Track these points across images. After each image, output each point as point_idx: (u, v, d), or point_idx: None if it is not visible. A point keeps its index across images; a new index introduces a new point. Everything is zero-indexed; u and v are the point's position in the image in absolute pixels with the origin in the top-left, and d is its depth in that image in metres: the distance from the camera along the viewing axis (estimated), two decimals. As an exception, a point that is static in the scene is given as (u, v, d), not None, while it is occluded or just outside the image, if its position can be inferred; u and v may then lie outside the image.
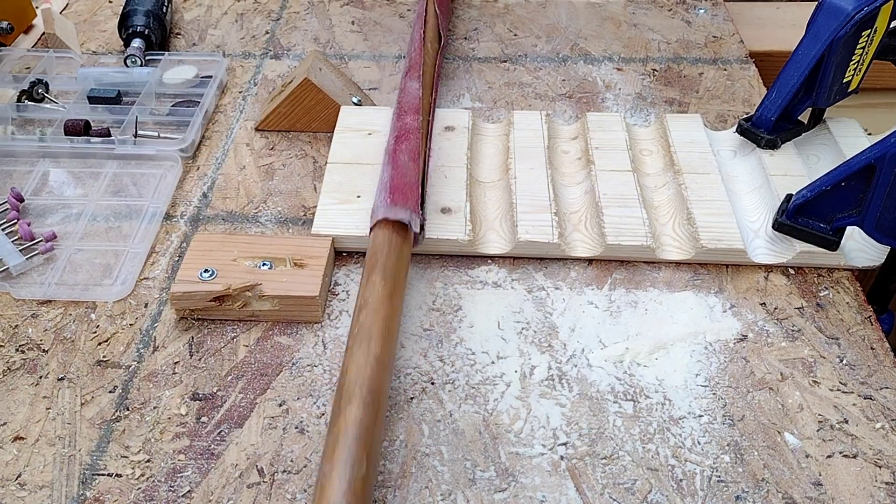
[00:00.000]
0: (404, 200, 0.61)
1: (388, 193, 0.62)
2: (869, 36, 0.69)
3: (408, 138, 0.67)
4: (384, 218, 0.60)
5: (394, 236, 0.59)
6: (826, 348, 0.59)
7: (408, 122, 0.69)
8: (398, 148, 0.66)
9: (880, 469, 0.51)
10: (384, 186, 0.63)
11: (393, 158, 0.65)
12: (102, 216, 0.70)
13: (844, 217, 0.61)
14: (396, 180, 0.63)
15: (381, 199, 0.62)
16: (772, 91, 0.72)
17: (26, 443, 0.53)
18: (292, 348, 0.59)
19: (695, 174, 0.70)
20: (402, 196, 0.61)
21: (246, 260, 0.62)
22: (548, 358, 0.58)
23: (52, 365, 0.58)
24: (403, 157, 0.65)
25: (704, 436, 0.53)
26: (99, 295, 0.63)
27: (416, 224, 0.61)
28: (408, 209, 0.61)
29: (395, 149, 0.66)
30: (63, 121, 0.78)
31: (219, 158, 0.77)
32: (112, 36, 0.95)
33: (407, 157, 0.65)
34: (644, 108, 0.83)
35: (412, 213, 0.61)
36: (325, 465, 0.45)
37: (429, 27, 0.84)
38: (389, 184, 0.63)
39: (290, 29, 0.97)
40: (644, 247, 0.64)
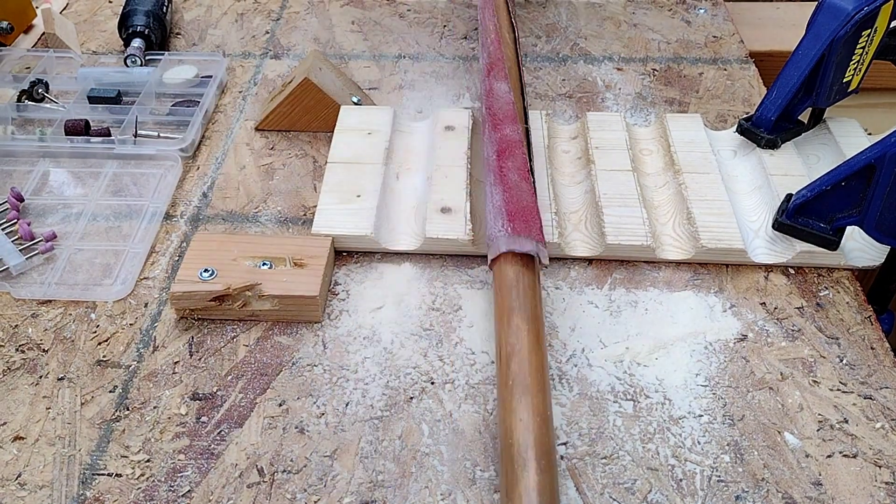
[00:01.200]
0: (527, 229, 0.56)
1: (507, 221, 0.56)
2: (869, 36, 0.69)
3: (513, 153, 0.61)
4: (508, 251, 0.55)
5: (523, 271, 0.55)
6: (826, 348, 0.59)
7: (507, 134, 0.62)
8: (504, 165, 0.60)
9: (880, 469, 0.51)
10: (498, 211, 0.57)
11: (501, 178, 0.59)
12: (102, 216, 0.70)
13: (844, 217, 0.61)
14: (512, 205, 0.57)
15: (499, 226, 0.56)
16: (772, 91, 0.72)
17: (26, 443, 0.53)
18: (292, 348, 0.59)
19: (695, 174, 0.70)
20: (523, 223, 0.56)
21: (246, 260, 0.62)
22: (548, 357, 0.58)
23: (52, 365, 0.58)
24: (513, 176, 0.59)
25: (704, 435, 0.53)
26: (99, 295, 0.63)
27: (545, 255, 0.56)
28: (533, 239, 0.55)
29: (501, 166, 0.60)
30: (63, 121, 0.78)
31: (219, 158, 0.77)
32: (112, 36, 0.95)
33: (517, 176, 0.59)
34: (644, 107, 0.83)
35: (538, 243, 0.55)
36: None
37: (501, 15, 0.76)
38: (505, 209, 0.57)
39: (290, 29, 0.97)
40: (644, 246, 0.64)
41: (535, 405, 0.47)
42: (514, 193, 0.58)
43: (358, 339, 0.60)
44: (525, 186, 0.59)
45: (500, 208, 0.57)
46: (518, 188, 0.58)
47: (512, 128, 0.63)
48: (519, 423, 0.47)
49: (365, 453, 0.52)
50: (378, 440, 0.53)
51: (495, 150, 0.62)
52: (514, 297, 0.53)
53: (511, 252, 0.55)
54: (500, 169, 0.60)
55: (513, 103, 0.65)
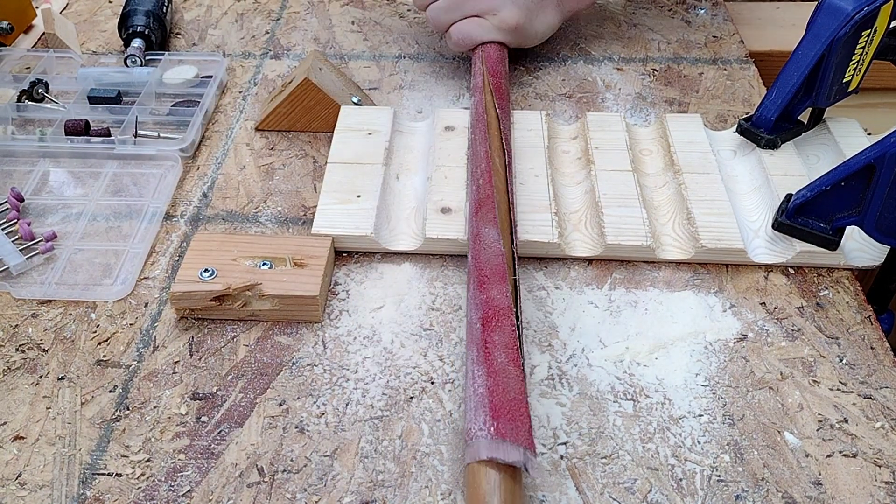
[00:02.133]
0: (513, 431, 0.46)
1: (490, 417, 0.46)
2: (869, 36, 0.69)
3: (500, 324, 0.51)
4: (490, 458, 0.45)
5: (503, 480, 0.45)
6: (826, 348, 0.59)
7: (495, 297, 0.53)
8: (489, 340, 0.51)
9: (880, 469, 0.51)
10: (480, 402, 0.48)
11: (486, 357, 0.50)
12: (102, 216, 0.70)
13: (844, 217, 0.61)
14: (497, 396, 0.47)
15: (479, 423, 0.47)
16: (772, 91, 0.72)
17: (26, 442, 0.53)
18: (292, 348, 0.59)
19: (695, 174, 0.70)
20: (509, 423, 0.46)
21: (246, 260, 0.62)
22: (548, 357, 0.58)
23: (52, 365, 0.58)
24: (500, 357, 0.50)
25: (704, 435, 0.53)
26: (99, 295, 0.63)
27: (534, 466, 0.46)
28: (520, 446, 0.46)
29: (486, 340, 0.51)
30: (63, 121, 0.78)
31: (219, 158, 0.77)
32: (112, 36, 0.95)
33: (504, 357, 0.50)
34: (644, 108, 0.83)
35: (527, 451, 0.46)
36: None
37: (492, 133, 0.67)
38: (489, 400, 0.47)
39: (290, 29, 0.97)
40: (644, 247, 0.64)
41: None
42: (499, 380, 0.49)
43: (358, 339, 0.60)
44: (513, 371, 0.49)
45: (482, 398, 0.48)
46: (505, 373, 0.49)
47: (500, 289, 0.54)
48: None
49: (365, 453, 0.52)
50: (378, 440, 0.53)
51: (479, 317, 0.53)
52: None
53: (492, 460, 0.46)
54: (485, 345, 0.51)
55: (502, 255, 0.56)
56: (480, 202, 0.61)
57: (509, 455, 0.45)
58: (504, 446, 0.45)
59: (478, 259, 0.57)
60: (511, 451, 0.45)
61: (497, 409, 0.47)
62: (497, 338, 0.51)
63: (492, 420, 0.46)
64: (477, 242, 0.58)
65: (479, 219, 0.60)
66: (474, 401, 0.48)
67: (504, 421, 0.46)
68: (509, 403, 0.48)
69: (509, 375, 0.49)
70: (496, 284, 0.54)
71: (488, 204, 0.60)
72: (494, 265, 0.56)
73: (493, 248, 0.57)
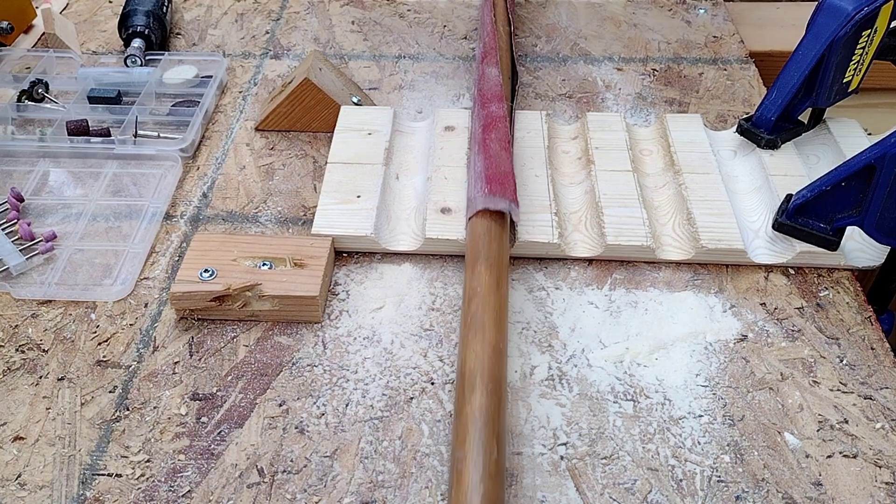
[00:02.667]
0: (502, 190, 0.61)
1: (485, 183, 0.61)
2: (869, 36, 0.69)
3: (496, 126, 0.67)
4: (484, 208, 0.60)
5: (493, 225, 0.60)
6: (826, 348, 0.59)
7: (493, 111, 0.68)
8: (487, 137, 0.66)
9: (880, 469, 0.51)
10: (478, 176, 0.63)
11: (484, 147, 0.65)
12: (102, 216, 0.70)
13: (844, 217, 0.61)
14: (491, 170, 0.62)
15: (477, 189, 0.62)
16: (772, 91, 0.72)
17: (26, 443, 0.53)
18: (292, 348, 0.59)
19: (695, 174, 0.70)
20: (499, 185, 0.61)
21: (246, 260, 0.62)
22: (548, 358, 0.58)
23: (52, 365, 0.58)
24: (494, 146, 0.64)
25: (704, 436, 0.53)
26: (99, 295, 0.63)
27: (517, 214, 0.61)
28: (506, 198, 0.60)
29: (485, 138, 0.66)
30: (63, 121, 0.78)
31: (219, 158, 0.77)
32: (112, 36, 0.95)
33: (498, 146, 0.64)
34: (644, 108, 0.83)
35: (511, 202, 0.60)
36: (457, 452, 0.46)
37: (498, 9, 0.84)
38: (484, 173, 0.62)
39: (290, 29, 0.97)
40: (644, 247, 0.64)
41: (488, 338, 0.51)
42: (494, 161, 0.63)
43: (358, 339, 0.60)
44: (504, 155, 0.64)
45: (480, 173, 0.63)
46: (498, 157, 0.64)
47: (497, 105, 0.69)
48: (470, 353, 0.51)
49: (365, 453, 0.52)
50: (378, 440, 0.53)
51: (481, 125, 0.68)
52: (480, 247, 0.58)
53: (486, 210, 0.60)
54: (484, 140, 0.65)
55: (500, 84, 0.71)
56: (486, 53, 0.76)
57: (498, 204, 0.60)
58: (494, 199, 0.60)
59: (482, 89, 0.72)
60: (499, 202, 0.60)
61: (490, 178, 0.62)
62: (493, 135, 0.66)
63: (486, 185, 0.61)
64: (482, 78, 0.74)
65: (484, 63, 0.75)
66: (474, 177, 0.64)
67: (494, 184, 0.61)
68: (500, 174, 0.62)
69: (501, 158, 0.64)
70: (495, 103, 0.69)
71: (492, 53, 0.75)
72: (494, 90, 0.71)
73: (494, 80, 0.72)
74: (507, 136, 0.66)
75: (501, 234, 0.60)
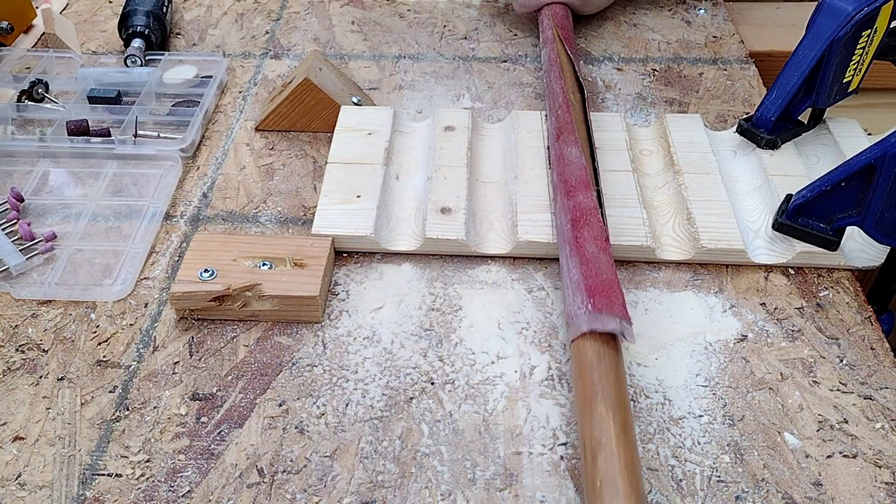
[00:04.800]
0: (609, 305, 0.52)
1: (587, 297, 0.53)
2: (869, 36, 0.69)
3: (587, 222, 0.59)
4: (590, 330, 0.52)
5: (605, 350, 0.51)
6: (826, 348, 0.59)
7: (581, 202, 0.60)
8: (580, 235, 0.58)
9: (880, 469, 0.51)
10: (577, 286, 0.54)
11: (577, 249, 0.57)
12: (102, 216, 0.70)
13: (844, 217, 0.61)
14: (591, 279, 0.54)
15: (577, 303, 0.53)
16: (772, 91, 0.72)
17: (26, 443, 0.53)
18: (292, 348, 0.59)
19: (695, 174, 0.70)
20: (604, 299, 0.52)
21: (246, 260, 0.62)
22: (548, 358, 0.58)
23: (52, 365, 0.58)
24: (590, 248, 0.56)
25: (704, 436, 0.53)
26: (99, 295, 0.63)
27: (630, 333, 0.52)
28: (616, 316, 0.52)
29: (577, 236, 0.58)
30: (63, 121, 0.78)
31: (219, 158, 0.77)
32: (112, 36, 0.95)
33: (595, 248, 0.56)
34: (644, 108, 0.83)
35: (622, 320, 0.52)
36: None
37: (566, 75, 0.76)
38: (584, 284, 0.54)
39: (290, 29, 0.97)
40: (644, 247, 0.64)
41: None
42: (592, 266, 0.55)
43: (358, 339, 0.60)
44: (604, 258, 0.56)
45: (578, 283, 0.54)
46: (597, 260, 0.56)
47: (584, 194, 0.61)
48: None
49: (365, 453, 0.52)
50: (378, 440, 0.53)
51: (569, 219, 0.60)
52: (595, 381, 0.49)
53: (592, 331, 0.52)
54: (576, 239, 0.58)
55: (585, 168, 0.64)
56: (561, 129, 0.69)
57: (607, 325, 0.51)
58: (601, 318, 0.51)
59: (563, 174, 0.64)
60: (608, 321, 0.51)
61: (592, 290, 0.53)
62: (586, 233, 0.58)
63: (588, 298, 0.53)
64: (561, 161, 0.66)
65: (561, 142, 0.67)
66: (570, 287, 0.55)
67: (599, 298, 0.52)
68: (602, 284, 0.54)
69: (600, 262, 0.56)
70: (581, 191, 0.62)
71: (568, 129, 0.68)
72: (579, 176, 0.63)
73: (577, 163, 0.64)
74: (604, 233, 0.58)
75: (616, 359, 0.51)
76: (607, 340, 0.52)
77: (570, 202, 0.61)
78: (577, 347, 0.52)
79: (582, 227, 0.59)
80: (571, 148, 0.66)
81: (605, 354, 0.51)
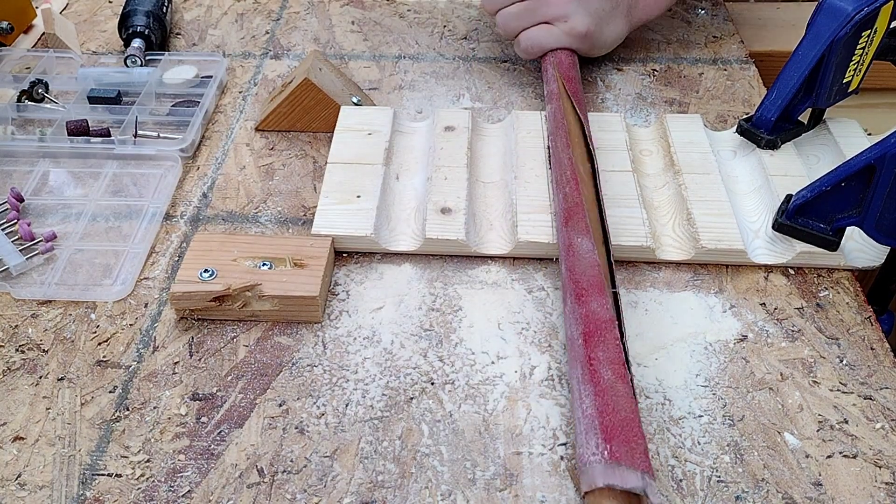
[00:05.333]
0: (629, 454, 0.44)
1: (601, 440, 0.44)
2: (869, 36, 0.69)
3: (604, 339, 0.49)
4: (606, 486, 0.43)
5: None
6: (826, 348, 0.59)
7: (594, 311, 0.51)
8: (594, 357, 0.48)
9: (880, 469, 0.51)
10: (591, 424, 0.45)
11: (591, 375, 0.47)
12: (102, 216, 0.70)
13: (844, 217, 0.61)
14: (607, 416, 0.45)
15: (590, 445, 0.45)
16: (772, 91, 0.72)
17: (26, 443, 0.53)
18: (292, 348, 0.59)
19: (695, 174, 0.70)
20: (624, 445, 0.44)
21: (246, 260, 0.62)
22: (548, 358, 0.58)
23: (52, 365, 0.58)
24: (606, 374, 0.47)
25: (704, 436, 0.53)
26: (99, 295, 0.63)
27: (654, 491, 0.43)
28: (637, 470, 0.43)
29: (590, 358, 0.48)
30: (63, 121, 0.78)
31: (219, 158, 0.77)
32: (112, 36, 0.95)
33: (611, 374, 0.47)
34: (644, 108, 0.83)
35: (645, 474, 0.43)
36: None
37: (574, 140, 0.65)
38: (599, 422, 0.45)
39: (290, 29, 0.97)
40: (644, 247, 0.64)
41: None
42: (608, 399, 0.47)
43: (358, 339, 0.60)
44: (622, 388, 0.47)
45: (592, 420, 0.46)
46: (613, 391, 0.47)
47: (599, 302, 0.52)
48: None
49: (365, 454, 0.52)
50: (378, 440, 0.53)
51: (581, 333, 0.51)
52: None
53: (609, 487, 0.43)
54: (590, 362, 0.49)
55: (598, 266, 0.54)
56: (570, 211, 0.59)
57: (627, 481, 0.43)
58: (620, 471, 0.43)
59: (573, 271, 0.55)
60: (628, 477, 0.43)
61: (609, 431, 0.45)
62: (602, 353, 0.49)
63: (604, 443, 0.44)
64: (570, 254, 0.56)
65: (569, 229, 0.58)
66: (584, 423, 0.47)
67: (618, 443, 0.44)
68: (621, 423, 0.45)
69: (618, 393, 0.47)
70: (595, 297, 0.52)
71: (578, 213, 0.58)
72: (591, 276, 0.54)
73: (588, 258, 0.55)
74: (621, 353, 0.49)
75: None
76: (628, 499, 0.43)
77: (582, 310, 0.52)
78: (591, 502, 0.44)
79: (596, 344, 0.50)
80: (583, 239, 0.57)
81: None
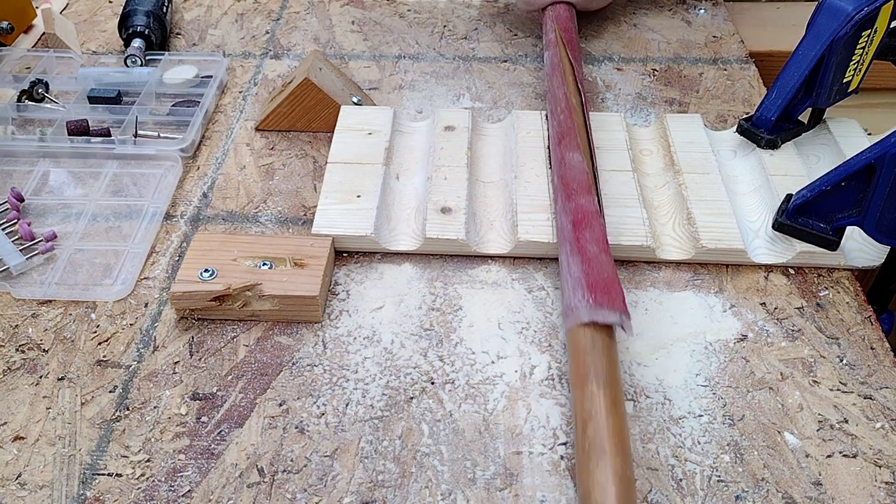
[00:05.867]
0: (609, 300, 0.54)
1: (587, 291, 0.55)
2: (869, 36, 0.69)
3: (589, 224, 0.60)
4: (590, 321, 0.54)
5: (599, 337, 0.53)
6: (826, 348, 0.59)
7: (582, 205, 0.61)
8: (581, 236, 0.59)
9: (880, 469, 0.51)
10: (577, 282, 0.56)
11: (579, 249, 0.58)
12: (102, 216, 0.70)
13: (844, 217, 0.61)
14: (592, 276, 0.55)
15: (578, 298, 0.55)
16: (772, 91, 0.72)
17: (26, 443, 0.53)
18: (292, 348, 0.59)
19: (695, 174, 0.70)
20: (605, 295, 0.54)
21: (246, 260, 0.62)
22: (548, 358, 0.58)
23: (52, 365, 0.58)
24: (591, 248, 0.58)
25: (704, 435, 0.53)
26: (99, 295, 0.63)
27: (629, 326, 0.54)
28: (616, 311, 0.54)
29: (578, 237, 0.59)
30: (63, 121, 0.78)
31: (219, 158, 0.77)
32: (112, 36, 0.95)
33: (596, 248, 0.58)
34: (644, 108, 0.83)
35: (622, 314, 0.54)
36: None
37: (568, 79, 0.76)
38: (585, 280, 0.55)
39: (290, 29, 0.97)
40: (644, 247, 0.64)
41: (615, 467, 0.46)
42: (593, 266, 0.56)
43: (358, 339, 0.60)
44: (605, 259, 0.57)
45: (579, 279, 0.56)
46: (598, 260, 0.57)
47: (586, 198, 0.62)
48: (597, 486, 0.46)
49: (365, 453, 0.52)
50: (378, 440, 0.53)
51: (570, 221, 0.61)
52: (589, 363, 0.52)
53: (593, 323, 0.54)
54: (578, 240, 0.59)
55: (586, 173, 0.64)
56: (563, 133, 0.69)
57: (607, 318, 0.53)
58: (602, 312, 0.53)
59: (565, 177, 0.65)
60: (609, 315, 0.53)
61: (593, 285, 0.55)
62: (588, 234, 0.59)
63: (589, 293, 0.54)
64: (563, 165, 0.66)
65: (563, 147, 0.68)
66: (571, 283, 0.57)
67: (599, 294, 0.54)
68: (604, 281, 0.55)
69: (601, 261, 0.57)
70: (583, 195, 0.62)
71: (570, 134, 0.68)
72: (580, 180, 0.64)
73: (578, 167, 0.65)
74: (604, 236, 0.59)
75: (610, 345, 0.54)
76: (601, 328, 0.54)
77: (571, 204, 0.62)
78: (573, 333, 0.55)
79: (584, 228, 0.60)
80: (573, 153, 0.66)
81: (598, 341, 0.53)
